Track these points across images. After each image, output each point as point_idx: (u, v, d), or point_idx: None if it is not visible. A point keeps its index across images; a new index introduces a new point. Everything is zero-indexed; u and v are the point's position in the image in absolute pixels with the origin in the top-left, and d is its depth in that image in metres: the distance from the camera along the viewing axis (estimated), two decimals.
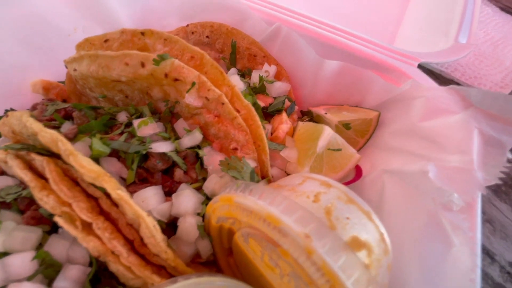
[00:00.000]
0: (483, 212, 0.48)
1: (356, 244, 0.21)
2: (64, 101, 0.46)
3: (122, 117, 0.35)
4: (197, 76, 0.32)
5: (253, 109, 0.35)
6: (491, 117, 0.36)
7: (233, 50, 0.51)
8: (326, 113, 0.46)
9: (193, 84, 0.32)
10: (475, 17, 0.56)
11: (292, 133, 0.43)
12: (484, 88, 0.62)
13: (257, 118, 0.34)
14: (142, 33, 0.36)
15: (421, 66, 0.69)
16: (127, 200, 0.25)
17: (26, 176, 0.27)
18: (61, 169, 0.29)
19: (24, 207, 0.29)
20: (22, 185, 0.32)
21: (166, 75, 0.32)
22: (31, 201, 0.30)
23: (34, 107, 0.39)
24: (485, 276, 0.41)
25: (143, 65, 0.32)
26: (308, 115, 0.50)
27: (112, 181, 0.26)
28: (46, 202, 0.26)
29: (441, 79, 0.68)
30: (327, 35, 0.48)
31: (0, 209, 0.28)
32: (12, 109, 0.42)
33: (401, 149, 0.39)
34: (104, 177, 0.25)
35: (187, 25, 0.54)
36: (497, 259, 0.43)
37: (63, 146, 0.26)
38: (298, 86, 0.51)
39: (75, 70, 0.36)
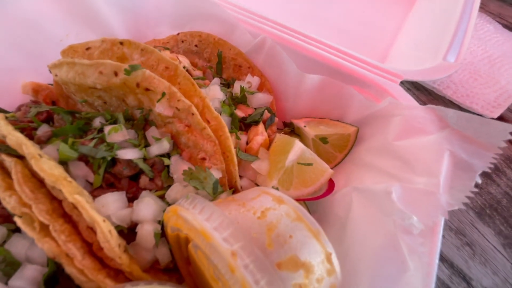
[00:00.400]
0: (464, 235, 0.46)
1: (292, 264, 0.21)
2: (53, 103, 0.48)
3: (97, 122, 0.36)
4: (168, 86, 0.33)
5: (222, 120, 0.35)
6: (465, 139, 0.36)
7: (219, 60, 0.53)
8: (305, 126, 0.46)
9: (163, 94, 0.33)
10: (467, 37, 0.56)
11: (267, 144, 0.43)
12: (476, 107, 0.61)
13: (226, 129, 0.35)
14: (121, 43, 0.37)
15: (413, 83, 0.68)
16: (83, 205, 0.26)
17: None
18: (30, 171, 0.30)
19: None
20: None
21: (138, 85, 0.33)
22: None
23: (18, 108, 0.41)
24: None
25: (116, 74, 0.33)
26: (289, 127, 0.50)
27: (70, 186, 0.27)
28: (8, 202, 0.27)
29: (433, 95, 0.67)
30: (310, 48, 0.48)
31: None
32: (0, 109, 0.44)
33: (374, 166, 0.39)
34: (63, 182, 0.26)
35: (178, 34, 0.56)
36: (474, 284, 0.42)
37: (26, 149, 0.27)
38: (282, 98, 0.52)
39: (56, 75, 0.37)
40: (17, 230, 0.30)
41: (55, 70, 0.37)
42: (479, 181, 0.31)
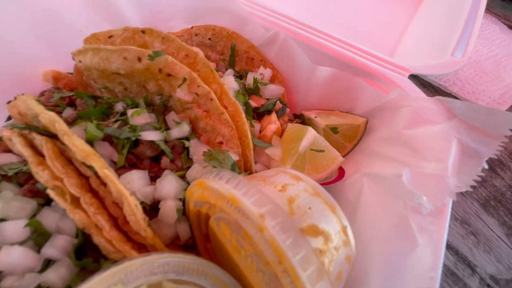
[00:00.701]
0: (468, 225, 0.48)
1: (312, 231, 0.22)
2: (72, 91, 0.50)
3: (119, 107, 0.38)
4: (188, 72, 0.35)
5: (239, 106, 0.37)
6: (472, 128, 0.37)
7: (232, 52, 0.54)
8: (315, 117, 0.47)
9: (184, 79, 0.35)
10: (473, 34, 0.57)
11: (280, 133, 0.44)
12: (481, 103, 0.62)
13: (243, 115, 0.37)
14: (143, 31, 0.39)
15: (419, 80, 0.70)
16: (112, 179, 0.28)
17: (26, 152, 0.30)
18: (58, 149, 0.31)
19: (23, 181, 0.32)
20: (24, 162, 0.35)
21: (160, 70, 0.35)
22: (30, 176, 0.33)
23: (42, 94, 0.43)
24: (464, 286, 0.41)
25: (139, 60, 0.35)
26: (300, 118, 0.52)
27: (100, 161, 0.28)
28: (41, 176, 0.28)
29: (440, 92, 0.68)
30: (321, 42, 0.50)
31: (1, 181, 0.31)
32: (23, 94, 0.46)
33: (383, 155, 0.41)
34: (93, 157, 0.28)
35: (192, 27, 0.58)
36: (478, 271, 0.43)
37: (59, 126, 0.28)
38: (293, 91, 0.54)
39: (80, 61, 0.39)
40: (46, 204, 0.32)
41: (79, 57, 0.39)
42: (486, 166, 0.33)
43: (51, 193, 0.28)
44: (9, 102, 0.44)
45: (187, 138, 0.37)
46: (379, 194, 0.34)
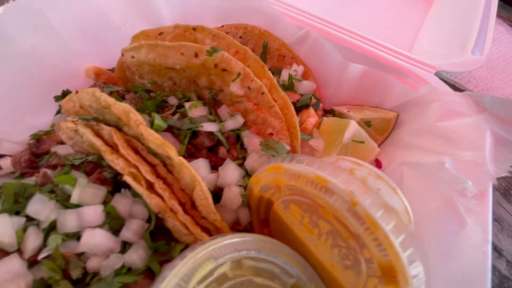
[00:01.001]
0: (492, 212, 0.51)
1: (387, 208, 0.24)
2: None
3: (173, 100, 0.39)
4: (243, 67, 0.37)
5: (288, 100, 0.39)
6: (501, 120, 0.40)
7: (264, 50, 0.56)
8: (348, 111, 0.50)
9: (239, 74, 0.37)
10: (489, 33, 0.61)
11: (317, 126, 0.47)
12: None
13: (292, 108, 0.39)
14: (194, 29, 0.41)
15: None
16: (187, 165, 0.29)
17: (97, 141, 0.32)
18: (124, 139, 0.33)
19: (90, 170, 0.34)
20: (83, 153, 0.36)
21: (216, 65, 0.37)
22: (95, 166, 0.34)
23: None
24: (493, 268, 0.44)
25: (196, 55, 0.37)
26: (330, 113, 0.54)
27: (174, 149, 0.30)
28: (117, 163, 0.30)
29: (456, 89, 0.71)
30: (351, 41, 0.53)
31: (71, 170, 0.33)
32: (68, 90, 0.47)
33: (418, 146, 0.43)
34: (168, 145, 0.30)
35: (222, 26, 0.59)
36: (504, 254, 0.46)
37: (134, 116, 0.30)
38: (322, 87, 0.56)
39: (132, 57, 0.41)
40: (113, 191, 0.33)
41: (131, 53, 0.41)
42: None
43: (128, 179, 0.29)
44: (57, 97, 0.46)
45: (239, 130, 0.39)
46: (422, 181, 0.37)
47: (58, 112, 0.45)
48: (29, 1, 0.38)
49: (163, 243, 0.31)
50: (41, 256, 0.27)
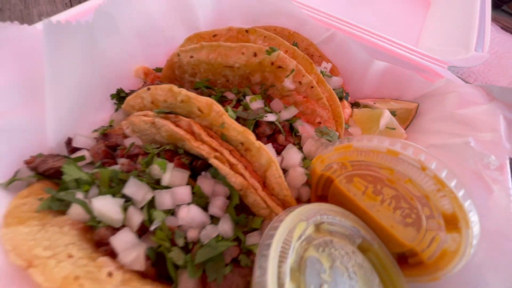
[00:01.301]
0: None
1: (449, 170, 0.30)
2: None
3: (231, 95, 0.44)
4: (295, 64, 0.42)
5: (334, 93, 0.45)
6: (509, 106, 0.47)
7: None
8: (374, 103, 0.56)
9: (292, 71, 0.42)
10: (487, 32, 0.68)
11: (351, 116, 0.53)
12: None
13: (337, 100, 0.44)
14: (246, 31, 0.46)
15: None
16: (265, 148, 0.34)
17: (180, 131, 0.36)
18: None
19: (168, 157, 0.38)
20: (156, 143, 0.41)
21: (272, 63, 0.42)
22: (173, 153, 0.39)
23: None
24: None
25: (255, 55, 0.42)
26: (356, 106, 0.60)
27: (253, 135, 0.35)
28: (202, 149, 0.35)
29: None
30: (372, 40, 0.59)
31: (155, 156, 0.37)
32: (121, 89, 0.51)
33: (440, 131, 0.50)
34: (249, 131, 0.35)
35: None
36: None
37: (217, 108, 0.35)
38: (346, 82, 0.62)
39: (191, 57, 0.45)
40: (191, 176, 0.37)
41: (189, 53, 0.45)
42: None
43: (215, 161, 0.34)
44: (113, 95, 0.50)
45: (292, 120, 0.44)
46: (450, 159, 0.43)
47: (117, 109, 0.49)
48: (108, 6, 0.42)
49: (244, 216, 0.35)
50: (152, 228, 0.31)
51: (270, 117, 0.41)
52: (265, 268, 0.25)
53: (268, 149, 0.38)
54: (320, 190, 0.39)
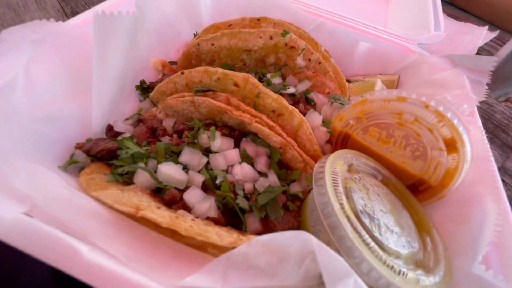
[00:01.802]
0: None
1: (444, 104, 0.39)
2: None
3: (252, 75, 0.50)
4: (305, 44, 0.50)
5: (337, 66, 0.53)
6: (470, 69, 0.59)
7: None
8: (364, 78, 0.66)
9: (303, 50, 0.50)
10: (441, 15, 0.82)
11: None
12: None
13: (340, 72, 0.53)
14: (258, 19, 0.52)
15: None
16: (297, 111, 0.41)
17: (221, 104, 0.41)
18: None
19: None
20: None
21: (286, 44, 0.49)
22: (213, 126, 0.44)
23: (161, 78, 0.52)
24: None
25: (271, 38, 0.48)
26: (348, 82, 0.69)
27: (285, 101, 0.41)
28: (244, 116, 0.40)
29: None
30: (356, 26, 0.69)
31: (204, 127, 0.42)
32: (144, 80, 0.54)
33: (420, 94, 0.60)
34: (282, 98, 0.41)
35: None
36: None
37: (253, 80, 0.41)
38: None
39: (212, 44, 0.50)
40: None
41: (210, 41, 0.50)
42: (487, 87, 0.54)
43: (257, 125, 0.40)
44: (137, 86, 0.53)
45: (306, 92, 0.51)
46: None
47: (144, 98, 0.52)
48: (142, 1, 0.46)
49: (284, 171, 0.41)
50: (218, 181, 0.36)
51: (291, 90, 0.47)
52: (325, 192, 0.31)
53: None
54: (339, 145, 0.47)
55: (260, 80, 0.49)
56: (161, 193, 0.36)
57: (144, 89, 0.54)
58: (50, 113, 0.37)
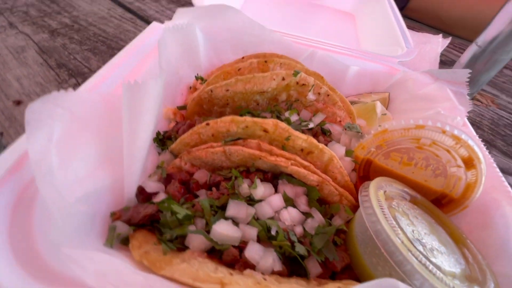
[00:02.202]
0: None
1: (458, 128, 0.44)
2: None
3: (268, 115, 0.52)
4: (313, 80, 0.53)
5: (343, 96, 0.57)
6: (449, 82, 0.67)
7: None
8: (359, 99, 0.71)
9: (313, 86, 0.53)
10: (406, 31, 0.92)
11: None
12: None
13: (347, 101, 0.57)
14: (265, 61, 0.55)
15: None
16: (327, 148, 0.43)
17: (255, 151, 0.42)
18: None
19: (245, 176, 0.44)
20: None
21: (297, 83, 0.52)
22: (247, 172, 0.44)
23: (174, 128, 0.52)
24: None
25: (283, 79, 0.51)
26: None
27: (315, 140, 0.43)
28: (280, 160, 0.42)
29: None
30: (344, 52, 0.74)
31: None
32: (159, 131, 0.53)
33: (412, 109, 0.67)
34: (312, 139, 0.43)
35: (243, 57, 0.73)
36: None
37: (282, 125, 0.43)
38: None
39: (227, 90, 0.51)
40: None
41: (225, 87, 0.51)
42: (469, 98, 0.62)
43: (293, 168, 0.41)
44: (154, 139, 0.52)
45: (321, 124, 0.54)
46: None
47: (163, 150, 0.51)
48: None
49: (323, 207, 0.43)
50: (273, 232, 0.37)
51: (310, 125, 0.50)
52: (377, 220, 0.33)
53: None
54: (362, 172, 0.50)
55: (278, 117, 0.51)
56: (216, 253, 0.36)
57: (161, 140, 0.53)
58: (87, 189, 0.36)
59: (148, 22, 0.74)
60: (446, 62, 1.11)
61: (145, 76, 0.54)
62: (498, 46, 0.86)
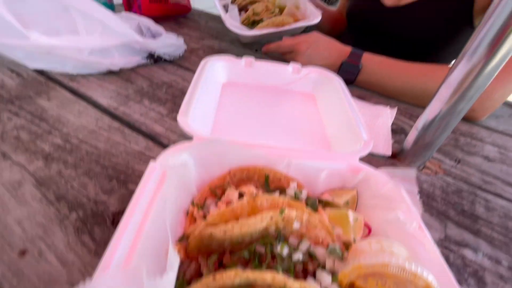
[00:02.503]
0: None
1: (415, 264, 0.55)
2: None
3: (262, 248, 0.60)
4: (295, 212, 0.63)
5: (321, 216, 0.67)
6: (401, 180, 0.82)
7: (266, 179, 0.84)
8: (333, 199, 0.83)
9: (296, 216, 0.63)
10: (363, 124, 1.10)
11: None
12: (379, 151, 1.15)
13: (325, 221, 0.67)
14: (253, 200, 0.64)
15: None
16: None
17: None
18: None
19: None
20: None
21: (283, 219, 0.62)
22: None
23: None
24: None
25: (271, 218, 0.61)
26: (320, 203, 0.85)
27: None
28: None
29: None
30: (316, 156, 0.88)
31: None
32: None
33: (378, 205, 0.79)
34: (305, 284, 0.52)
35: (229, 172, 0.84)
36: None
37: (279, 277, 0.51)
38: (307, 189, 0.87)
39: (225, 232, 0.59)
40: None
41: (223, 231, 0.59)
42: (418, 197, 0.76)
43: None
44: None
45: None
46: (398, 230, 0.71)
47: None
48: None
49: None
50: None
51: (300, 257, 0.59)
52: None
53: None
54: None
55: (271, 251, 0.60)
56: None
57: None
58: None
59: (134, 128, 0.80)
60: (396, 130, 1.30)
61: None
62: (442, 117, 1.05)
